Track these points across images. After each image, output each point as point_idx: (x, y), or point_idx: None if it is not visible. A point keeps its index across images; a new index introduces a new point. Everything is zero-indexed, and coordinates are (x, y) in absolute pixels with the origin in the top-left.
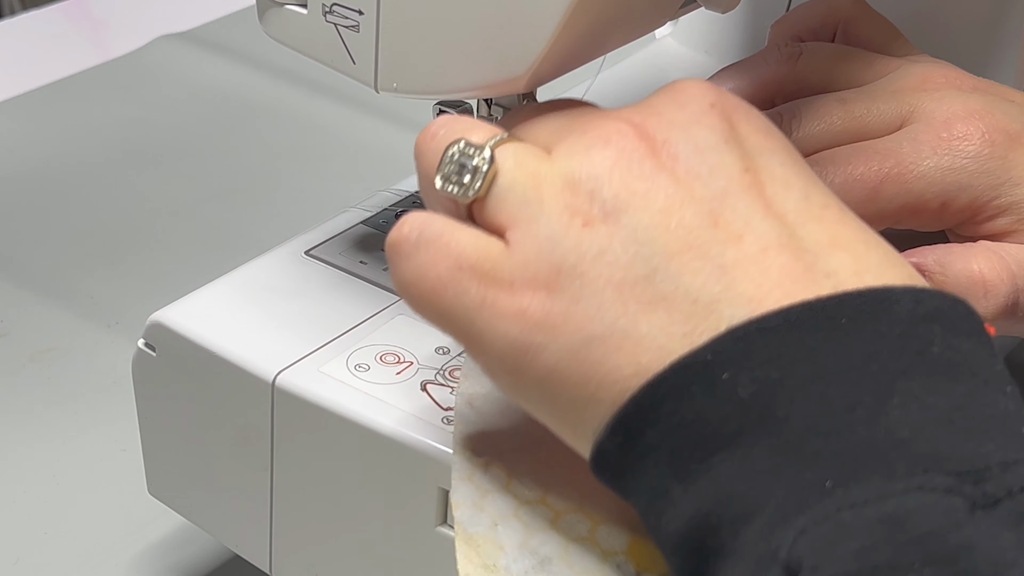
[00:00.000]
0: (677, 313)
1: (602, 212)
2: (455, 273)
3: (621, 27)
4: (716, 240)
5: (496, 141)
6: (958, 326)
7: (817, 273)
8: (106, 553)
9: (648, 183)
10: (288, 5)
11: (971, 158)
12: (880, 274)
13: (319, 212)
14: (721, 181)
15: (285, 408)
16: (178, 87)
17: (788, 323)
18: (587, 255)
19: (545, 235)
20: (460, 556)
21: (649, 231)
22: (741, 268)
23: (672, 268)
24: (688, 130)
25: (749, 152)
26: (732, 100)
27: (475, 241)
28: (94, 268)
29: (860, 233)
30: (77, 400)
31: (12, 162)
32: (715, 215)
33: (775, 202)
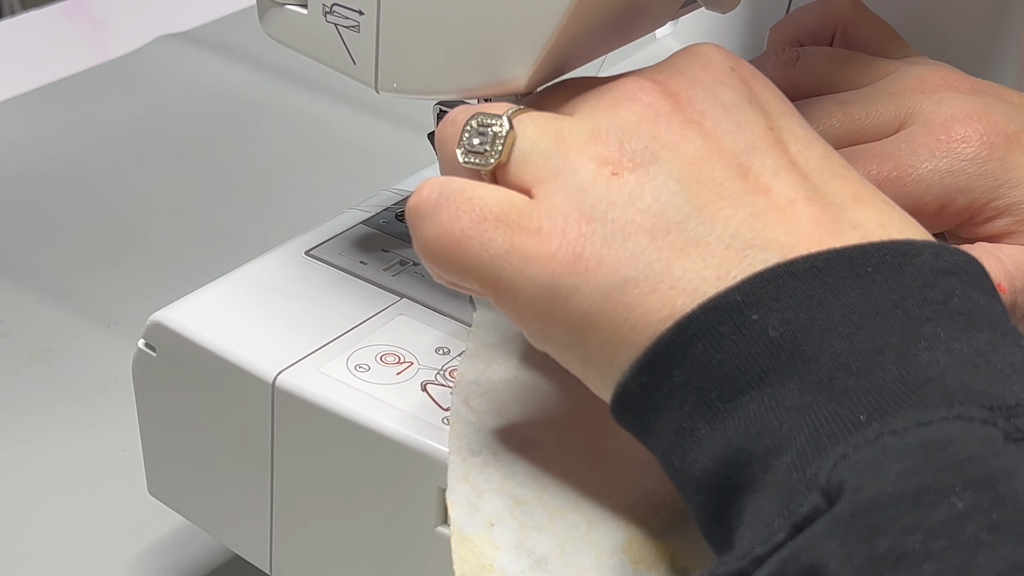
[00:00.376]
0: (711, 258)
1: (632, 162)
2: (479, 224)
3: (621, 27)
4: (746, 191)
5: (513, 111)
6: (975, 282)
7: (844, 224)
8: (106, 553)
9: (677, 135)
10: (288, 5)
11: (969, 160)
12: (903, 228)
13: (319, 212)
14: (748, 136)
15: (285, 408)
16: (178, 87)
17: (816, 268)
18: (618, 202)
19: (574, 185)
20: (456, 557)
21: (680, 181)
22: (772, 216)
23: (704, 215)
24: (712, 88)
25: (771, 114)
26: (749, 67)
27: (497, 194)
28: (94, 268)
29: (879, 193)
30: (77, 400)
31: (12, 162)
32: (744, 168)
33: (799, 159)
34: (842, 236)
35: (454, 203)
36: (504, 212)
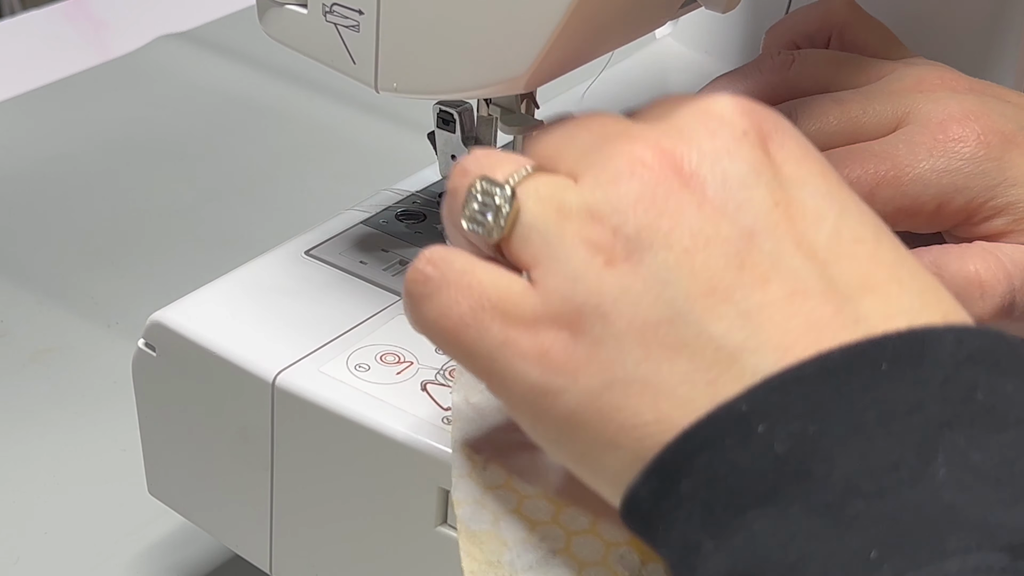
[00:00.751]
0: (700, 360)
1: (625, 250)
2: (477, 313)
3: (621, 27)
4: (742, 283)
5: (519, 177)
6: (1001, 365)
7: (846, 319)
8: (106, 553)
9: (673, 220)
10: (288, 5)
11: (967, 160)
12: (914, 316)
13: (319, 212)
14: (749, 218)
15: (285, 408)
16: (178, 87)
17: (825, 371)
18: (609, 295)
19: (567, 274)
20: (464, 554)
21: (673, 271)
22: (767, 314)
23: (695, 312)
24: (718, 161)
25: (782, 183)
26: (768, 122)
27: (497, 279)
28: (94, 268)
29: (895, 268)
30: (77, 400)
31: (12, 162)
32: (742, 255)
33: (805, 238)
34: (843, 332)
35: (454, 286)
36: (501, 300)
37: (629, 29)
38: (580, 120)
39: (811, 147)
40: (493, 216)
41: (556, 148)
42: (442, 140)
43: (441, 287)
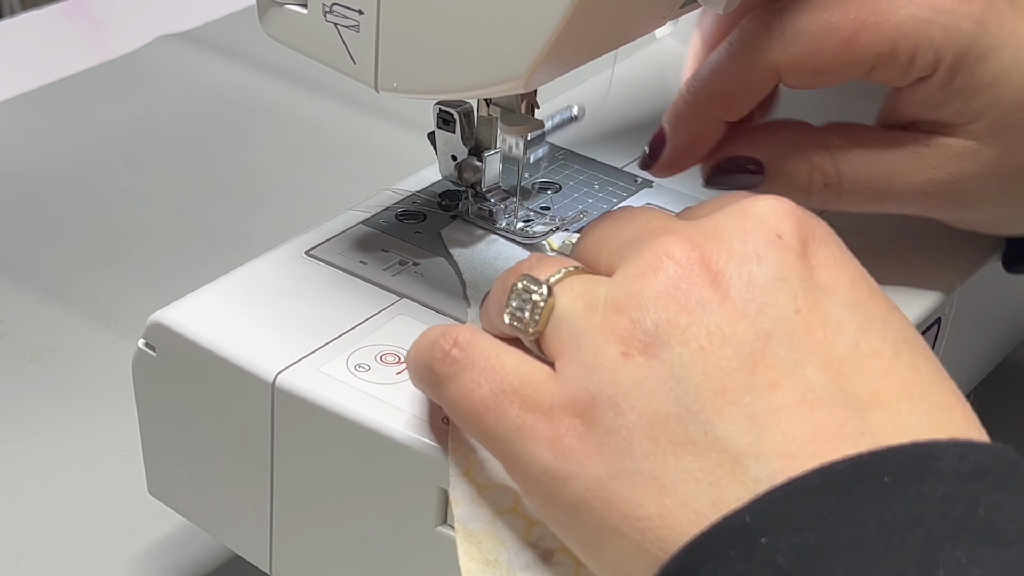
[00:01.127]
0: (705, 460)
1: (642, 343)
2: (498, 396)
3: (621, 27)
4: (752, 386)
5: (559, 276)
6: (1004, 481)
7: (853, 431)
8: (106, 553)
9: (692, 317)
10: (288, 5)
11: (946, 12)
12: (920, 433)
13: (319, 212)
14: (767, 322)
15: (285, 408)
16: (178, 87)
17: (827, 483)
18: (623, 386)
19: (585, 363)
20: (462, 553)
21: (686, 368)
22: (773, 420)
23: (704, 411)
24: (746, 262)
25: (809, 289)
26: (808, 227)
27: (519, 365)
28: (94, 268)
29: (907, 385)
30: (77, 400)
31: (12, 162)
32: (755, 358)
33: (821, 348)
34: (848, 445)
35: (478, 368)
36: (522, 387)
37: (629, 29)
38: (626, 213)
39: (847, 255)
40: (530, 312)
41: (599, 243)
42: (442, 140)
43: (466, 368)
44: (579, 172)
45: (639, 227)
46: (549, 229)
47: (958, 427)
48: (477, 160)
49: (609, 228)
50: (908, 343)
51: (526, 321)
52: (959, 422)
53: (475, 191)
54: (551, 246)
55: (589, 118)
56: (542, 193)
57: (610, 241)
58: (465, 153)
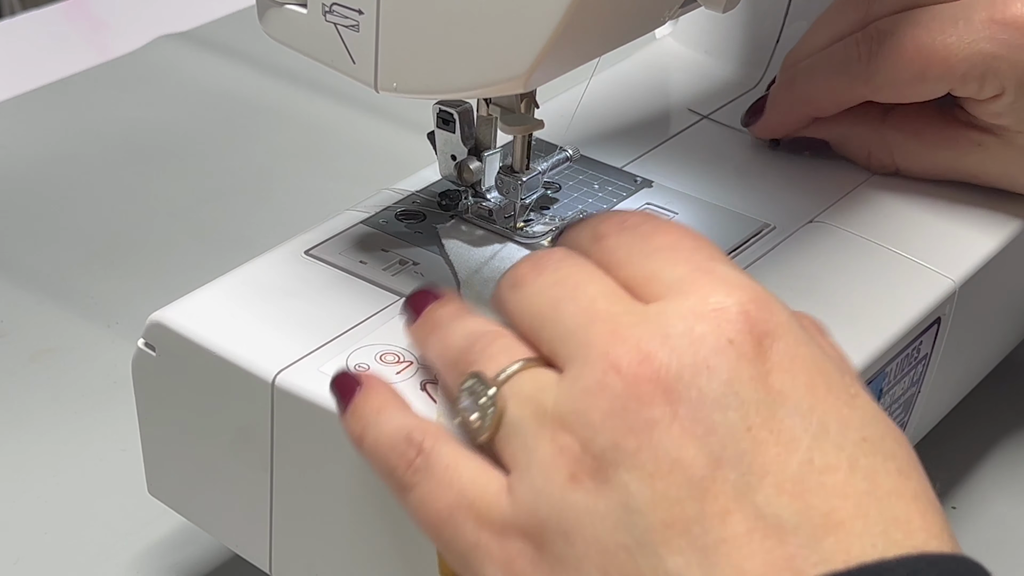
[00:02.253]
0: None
1: (591, 467)
2: (454, 512)
3: (621, 27)
4: (702, 515)
5: (506, 375)
6: None
7: (804, 562)
8: (106, 553)
9: (640, 439)
10: (288, 5)
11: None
12: (877, 554)
13: (319, 212)
14: (717, 445)
15: (285, 408)
16: (178, 87)
17: None
18: (572, 514)
19: (535, 485)
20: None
21: (635, 497)
22: (723, 552)
23: (654, 543)
24: (696, 376)
25: (760, 402)
26: (764, 323)
27: (477, 477)
28: (94, 268)
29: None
30: (77, 400)
31: (12, 162)
32: (705, 484)
33: (774, 468)
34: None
35: (436, 480)
36: (477, 501)
37: (629, 29)
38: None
39: (804, 348)
40: (479, 417)
41: (541, 319)
42: (442, 140)
43: (425, 478)
44: (579, 172)
45: (584, 311)
46: (549, 229)
47: (916, 541)
48: (477, 160)
49: (550, 302)
50: (866, 447)
51: (476, 428)
52: (918, 535)
53: (475, 191)
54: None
55: (589, 118)
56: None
57: (554, 324)
58: (465, 153)
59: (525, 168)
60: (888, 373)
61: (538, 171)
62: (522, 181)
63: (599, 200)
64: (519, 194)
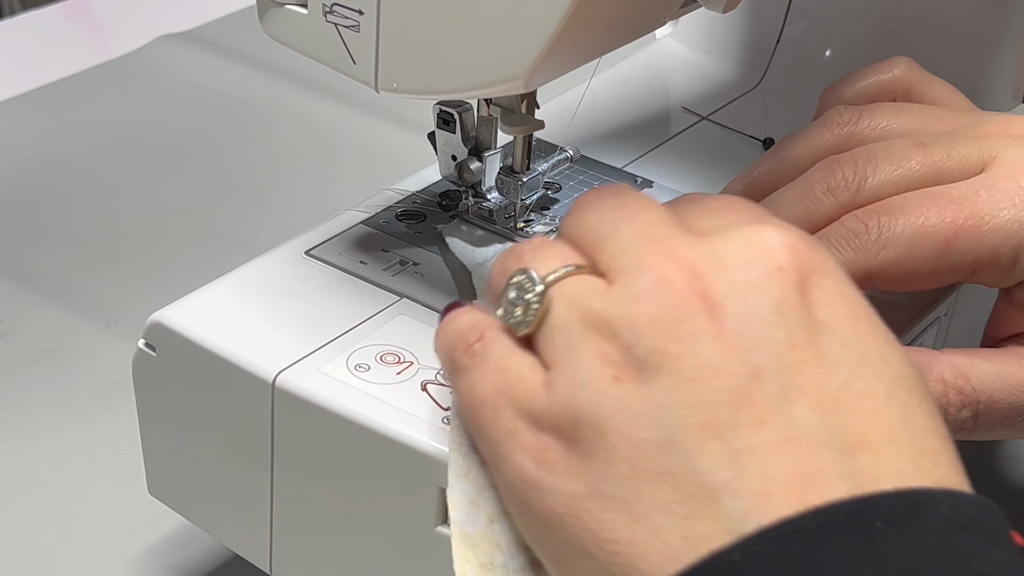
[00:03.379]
0: (681, 492)
1: (635, 369)
2: (498, 398)
3: (621, 27)
4: (737, 421)
5: (556, 276)
6: (993, 535)
7: (832, 475)
8: (106, 553)
9: (685, 347)
10: (288, 5)
11: None
12: (903, 480)
13: (319, 212)
14: (760, 357)
15: (285, 408)
16: (178, 87)
17: (820, 526)
18: (609, 409)
19: (576, 381)
20: (457, 556)
21: (674, 398)
22: (754, 457)
23: (685, 443)
24: (745, 295)
25: (806, 325)
26: (812, 260)
27: (524, 370)
28: (94, 268)
29: (895, 428)
30: (77, 400)
31: (12, 162)
32: (744, 393)
33: (813, 386)
34: (826, 488)
35: (489, 366)
36: (520, 392)
37: (629, 29)
38: (627, 205)
39: (849, 288)
40: (523, 311)
41: (598, 235)
42: (442, 140)
43: (479, 364)
44: (579, 172)
45: (640, 231)
46: (549, 229)
47: (943, 474)
48: (477, 160)
49: (609, 221)
50: (904, 382)
51: (519, 320)
52: (945, 469)
53: (475, 191)
54: None
55: (589, 118)
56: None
57: (609, 240)
58: (465, 153)
59: (525, 168)
60: None
61: (538, 171)
62: (522, 181)
63: None
64: (519, 194)
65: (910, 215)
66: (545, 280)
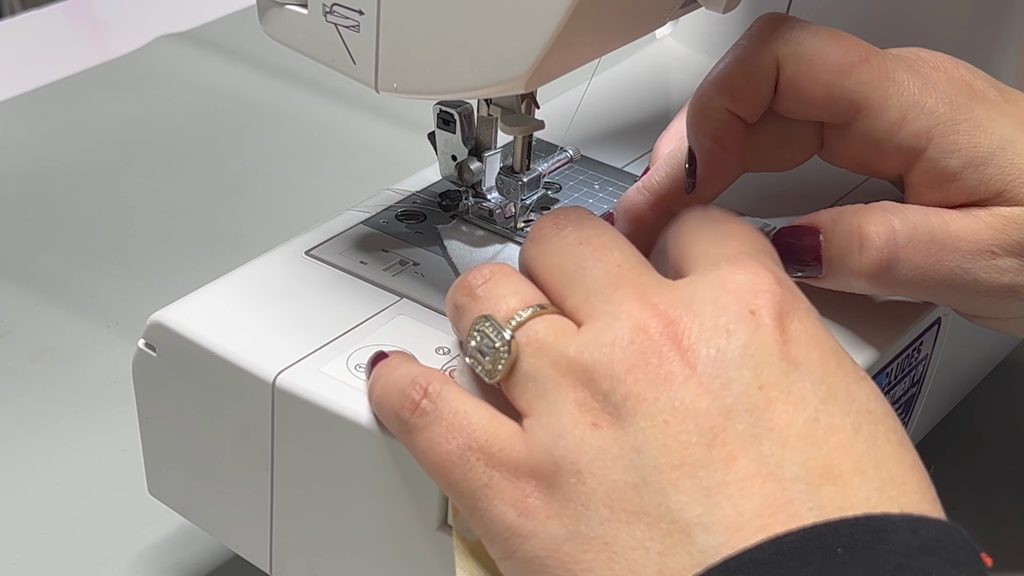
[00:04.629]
0: (655, 529)
1: (611, 415)
2: (465, 452)
3: (621, 27)
4: (709, 460)
5: (520, 320)
6: (955, 557)
7: (801, 506)
8: (106, 553)
9: (660, 391)
10: (288, 5)
11: (940, 92)
12: (870, 508)
13: (319, 212)
14: (730, 398)
15: (285, 408)
16: (178, 87)
17: (780, 554)
18: (589, 455)
19: (553, 428)
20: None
21: (648, 441)
22: (725, 493)
23: (660, 483)
24: (715, 337)
25: (774, 364)
26: (784, 302)
27: (487, 422)
28: (94, 268)
29: (862, 460)
30: (77, 400)
31: (12, 162)
32: (715, 432)
33: (781, 423)
34: (795, 519)
35: (446, 422)
36: (489, 444)
37: (629, 29)
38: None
39: (820, 330)
40: (492, 360)
41: (564, 277)
42: (442, 140)
43: (433, 422)
44: (579, 172)
45: (610, 272)
46: None
47: (910, 501)
48: (477, 160)
49: (576, 258)
50: (870, 416)
51: (487, 368)
52: (912, 496)
53: (475, 191)
54: None
55: (589, 118)
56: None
57: (577, 280)
58: (465, 153)
59: (525, 168)
60: (888, 373)
61: (538, 171)
62: (522, 181)
63: (599, 200)
64: (519, 194)
65: (829, 35)
66: (510, 325)
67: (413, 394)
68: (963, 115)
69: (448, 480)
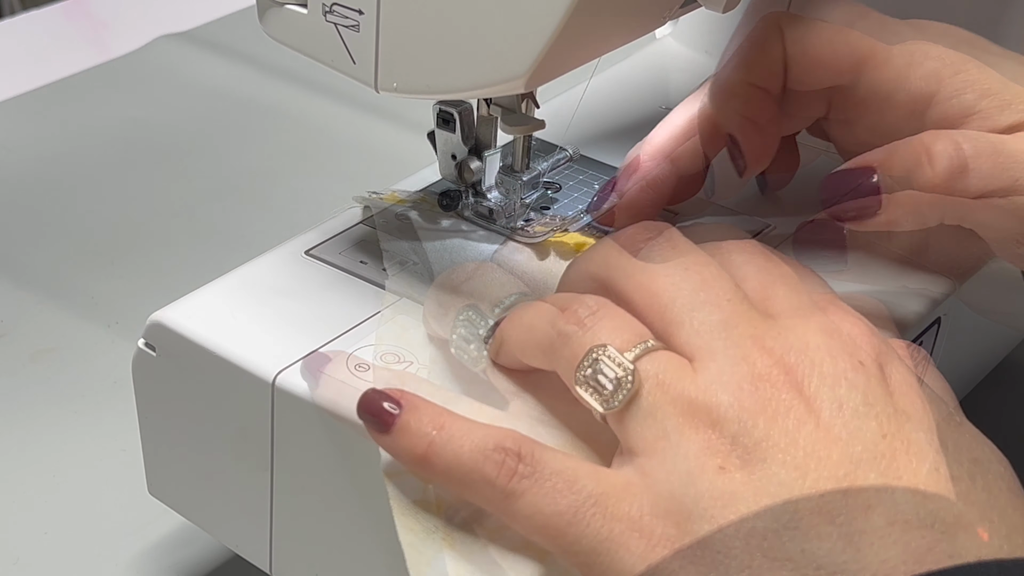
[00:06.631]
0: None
1: (741, 459)
2: (579, 510)
3: (621, 27)
4: (846, 507)
5: (639, 351)
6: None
7: (941, 554)
8: (106, 553)
9: (789, 437)
10: (288, 5)
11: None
12: (1007, 551)
13: (319, 212)
14: (858, 447)
15: (285, 408)
16: (178, 87)
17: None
18: (719, 500)
19: (680, 473)
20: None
21: (783, 487)
22: (867, 540)
23: (801, 529)
24: (836, 386)
25: (891, 416)
26: (882, 352)
27: (594, 475)
28: (94, 268)
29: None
30: (77, 400)
31: (12, 162)
32: (848, 480)
33: (906, 473)
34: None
35: (549, 482)
36: (605, 495)
37: (629, 29)
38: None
39: (912, 376)
40: (613, 388)
41: (678, 313)
42: (442, 140)
43: (534, 484)
44: (579, 172)
45: (720, 308)
46: (549, 229)
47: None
48: (477, 160)
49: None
50: (980, 465)
51: (605, 397)
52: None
53: (475, 191)
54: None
55: (589, 118)
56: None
57: (692, 317)
58: (465, 153)
59: (525, 168)
60: None
61: (538, 171)
62: (522, 181)
63: None
64: (519, 194)
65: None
66: (631, 359)
67: (507, 461)
68: (968, 57)
69: (563, 540)
